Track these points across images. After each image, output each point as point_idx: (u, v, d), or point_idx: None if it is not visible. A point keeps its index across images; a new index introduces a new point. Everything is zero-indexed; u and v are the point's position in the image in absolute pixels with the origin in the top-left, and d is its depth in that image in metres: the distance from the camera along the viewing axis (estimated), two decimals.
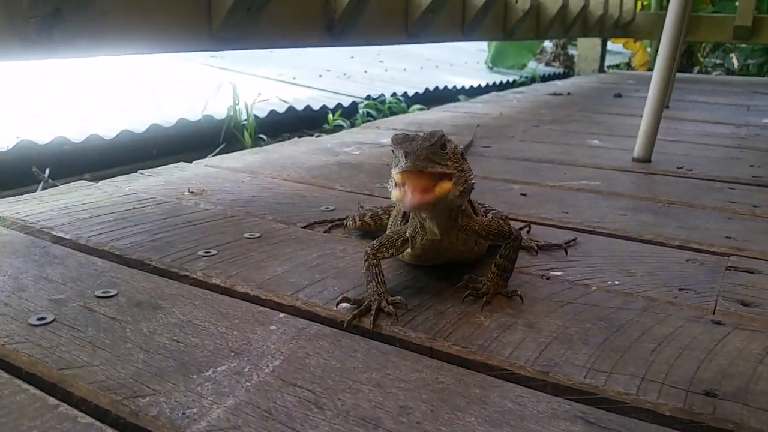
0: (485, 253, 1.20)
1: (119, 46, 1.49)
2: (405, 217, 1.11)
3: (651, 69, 8.00)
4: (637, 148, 2.08)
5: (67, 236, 1.31)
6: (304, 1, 2.13)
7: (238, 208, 1.52)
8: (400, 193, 0.89)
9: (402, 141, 0.92)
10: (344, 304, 0.99)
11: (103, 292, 1.04)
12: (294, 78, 4.69)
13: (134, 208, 1.50)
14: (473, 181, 0.99)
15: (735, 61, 8.64)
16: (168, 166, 1.95)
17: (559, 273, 1.15)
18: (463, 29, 3.12)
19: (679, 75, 4.25)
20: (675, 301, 1.05)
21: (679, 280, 1.14)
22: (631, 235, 1.38)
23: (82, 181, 1.78)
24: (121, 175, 1.99)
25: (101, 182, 1.74)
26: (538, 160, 2.11)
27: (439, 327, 0.93)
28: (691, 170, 1.97)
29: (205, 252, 1.22)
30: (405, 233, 1.06)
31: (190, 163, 2.05)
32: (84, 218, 1.41)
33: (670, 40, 2.00)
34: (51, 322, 0.95)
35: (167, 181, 1.76)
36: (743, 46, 7.93)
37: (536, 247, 1.25)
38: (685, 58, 7.56)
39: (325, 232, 1.37)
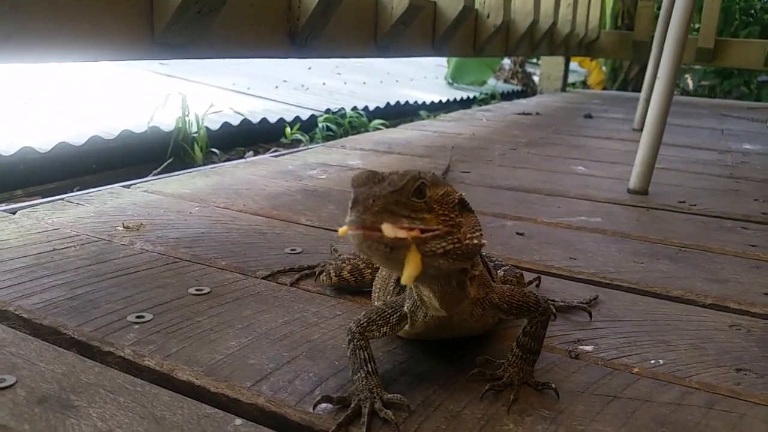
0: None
1: (37, 52, 1.21)
2: (399, 282, 0.86)
3: (606, 88, 7.99)
4: (633, 179, 1.89)
5: None
6: (264, 7, 1.87)
7: (183, 249, 1.25)
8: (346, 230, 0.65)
9: (362, 183, 0.67)
10: (324, 405, 0.74)
11: None
12: (248, 88, 4.40)
13: (54, 250, 1.21)
14: (476, 241, 0.71)
15: (690, 82, 8.73)
16: (102, 189, 1.66)
17: (589, 348, 0.92)
18: (434, 43, 2.91)
19: (635, 95, 4.15)
20: (739, 389, 0.83)
21: (731, 357, 0.92)
22: (656, 290, 1.16)
23: None
24: (57, 192, 1.70)
25: (19, 212, 1.45)
26: (525, 190, 1.89)
27: None
28: (695, 205, 1.78)
29: (138, 316, 0.95)
30: (402, 307, 0.81)
31: (131, 182, 1.77)
32: None
33: (670, 64, 1.82)
34: None
35: (99, 211, 1.47)
36: (697, 67, 8.01)
37: (554, 311, 1.01)
38: (638, 79, 7.55)
39: (291, 284, 1.11)
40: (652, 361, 0.89)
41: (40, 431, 0.68)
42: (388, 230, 0.63)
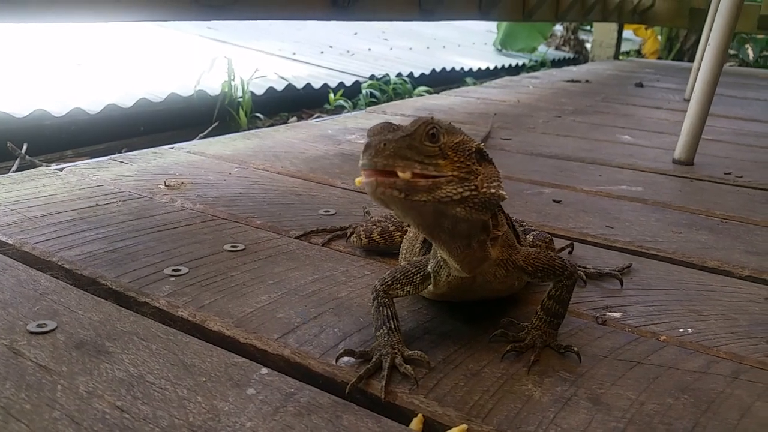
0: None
1: (77, 12, 1.23)
2: (426, 243, 0.87)
3: (661, 58, 7.71)
4: (679, 150, 1.84)
5: (9, 240, 1.07)
6: None
7: (220, 208, 1.28)
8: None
9: (377, 132, 0.67)
10: (347, 358, 0.76)
11: (39, 326, 0.81)
12: (294, 53, 4.41)
13: (97, 205, 1.25)
14: (494, 190, 0.70)
15: (750, 53, 8.36)
16: (145, 151, 1.70)
17: (617, 314, 0.92)
18: (480, 7, 2.86)
19: (689, 65, 3.99)
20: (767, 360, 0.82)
21: (763, 328, 0.90)
22: (692, 260, 1.14)
23: (44, 168, 1.54)
24: (106, 154, 1.75)
25: (66, 169, 1.50)
26: (567, 158, 1.87)
27: (474, 399, 0.70)
28: (741, 177, 1.73)
29: (174, 270, 0.98)
30: (426, 267, 0.82)
31: (176, 144, 1.80)
32: (35, 216, 1.17)
33: (722, 31, 1.74)
34: None
35: (142, 170, 1.52)
36: (760, 37, 7.66)
37: (584, 277, 1.01)
38: (695, 49, 7.28)
39: (322, 244, 1.13)
40: (681, 330, 0.88)
41: (76, 373, 0.72)
42: (401, 173, 0.64)
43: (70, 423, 0.64)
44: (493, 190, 0.70)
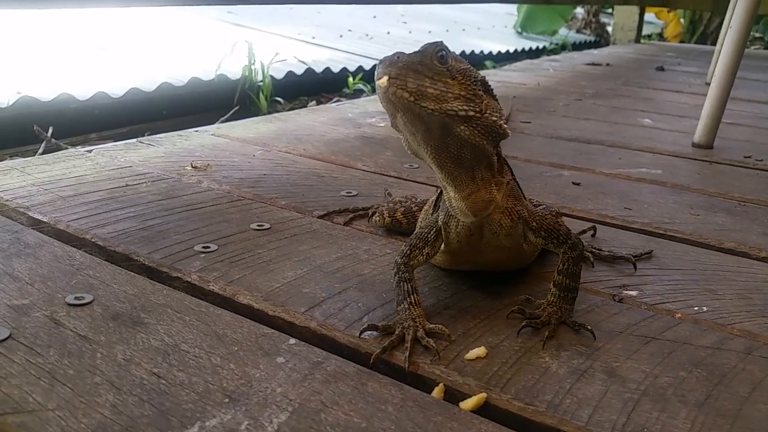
0: (537, 262, 1.00)
1: None
2: (437, 204, 0.90)
3: (684, 41, 7.60)
4: (699, 133, 1.84)
5: (44, 219, 1.12)
6: None
7: (246, 189, 1.32)
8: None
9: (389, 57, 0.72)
10: (370, 332, 0.79)
11: (76, 298, 0.85)
12: (313, 37, 4.43)
13: (127, 186, 1.29)
14: (495, 118, 0.75)
15: None
16: (171, 133, 1.74)
17: (633, 293, 0.94)
18: None
19: (712, 48, 3.95)
20: None
21: None
22: (709, 242, 1.16)
23: (73, 149, 1.58)
24: (129, 137, 1.79)
25: (95, 150, 1.54)
26: (587, 141, 1.88)
27: (492, 370, 0.73)
28: (761, 161, 1.73)
29: (204, 247, 1.02)
30: (437, 223, 0.86)
31: (199, 127, 1.84)
32: (67, 196, 1.22)
33: (744, 13, 1.74)
34: (5, 339, 0.75)
35: (168, 152, 1.55)
36: None
37: (592, 260, 1.02)
38: (718, 32, 7.17)
39: (345, 224, 1.16)
40: (696, 308, 0.90)
41: (114, 342, 0.76)
42: (424, 84, 0.70)
43: (111, 387, 0.68)
44: (494, 119, 0.75)
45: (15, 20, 3.39)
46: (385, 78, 0.69)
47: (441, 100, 0.71)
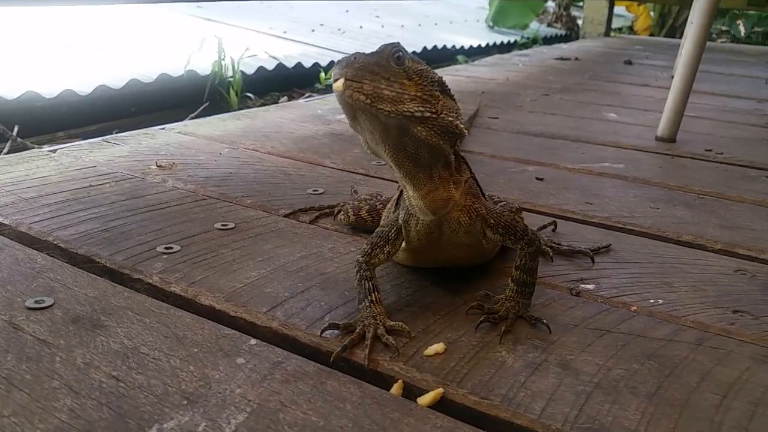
0: (498, 257, 1.01)
1: None
2: (398, 203, 0.91)
3: (653, 34, 7.69)
4: (662, 127, 1.88)
5: (5, 221, 1.10)
6: None
7: (211, 188, 1.32)
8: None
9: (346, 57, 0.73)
10: (332, 330, 0.80)
11: (36, 302, 0.84)
12: (285, 32, 4.41)
13: (90, 186, 1.28)
14: (451, 119, 0.76)
15: (742, 29, 8.35)
16: (137, 132, 1.73)
17: (590, 286, 0.96)
18: None
19: (679, 41, 4.01)
20: (732, 329, 0.86)
21: (730, 298, 0.95)
22: (667, 235, 1.18)
23: (37, 149, 1.57)
24: (98, 135, 1.78)
25: (59, 150, 1.53)
26: (552, 136, 1.90)
27: (450, 365, 0.74)
28: (721, 154, 1.77)
29: (166, 248, 1.02)
30: (397, 221, 0.87)
31: (166, 125, 1.83)
32: (30, 198, 1.21)
33: (704, 8, 1.77)
34: None
35: (134, 151, 1.54)
36: (751, 12, 7.66)
37: (551, 254, 1.04)
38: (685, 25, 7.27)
39: (310, 222, 1.17)
40: (651, 301, 0.93)
41: (73, 346, 0.76)
42: (379, 85, 0.71)
43: (69, 392, 0.68)
44: (451, 119, 0.76)
45: None
46: (342, 80, 0.70)
47: (397, 101, 0.72)
